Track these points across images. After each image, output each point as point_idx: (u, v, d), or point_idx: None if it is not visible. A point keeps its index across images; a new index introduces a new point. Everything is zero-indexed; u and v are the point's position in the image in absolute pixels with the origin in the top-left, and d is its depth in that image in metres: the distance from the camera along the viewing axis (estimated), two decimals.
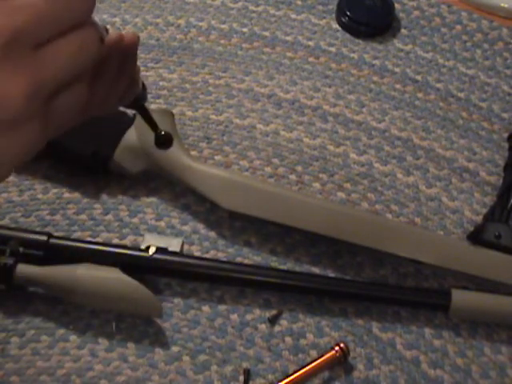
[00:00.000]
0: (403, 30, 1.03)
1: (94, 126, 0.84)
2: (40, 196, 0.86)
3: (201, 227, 0.85)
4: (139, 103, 0.58)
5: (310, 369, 0.75)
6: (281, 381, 0.74)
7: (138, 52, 1.02)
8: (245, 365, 0.77)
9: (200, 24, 1.02)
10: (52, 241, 0.78)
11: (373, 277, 0.82)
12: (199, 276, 0.80)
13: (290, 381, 0.74)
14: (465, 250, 0.81)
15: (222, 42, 1.00)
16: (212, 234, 0.84)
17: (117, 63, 0.50)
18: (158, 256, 0.79)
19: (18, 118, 0.38)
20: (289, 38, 1.01)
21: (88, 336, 0.77)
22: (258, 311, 0.80)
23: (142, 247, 0.79)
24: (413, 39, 1.02)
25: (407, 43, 1.02)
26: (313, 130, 0.93)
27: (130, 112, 0.87)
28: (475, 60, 1.00)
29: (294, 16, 1.03)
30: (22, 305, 0.79)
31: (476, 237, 0.82)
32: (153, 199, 0.86)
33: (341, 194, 0.88)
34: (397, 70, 0.99)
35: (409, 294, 0.80)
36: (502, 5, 1.04)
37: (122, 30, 1.00)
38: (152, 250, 0.78)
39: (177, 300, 0.80)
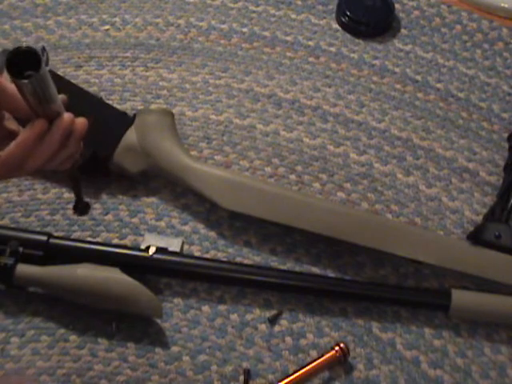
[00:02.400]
0: (403, 30, 1.03)
1: (94, 126, 0.84)
2: (40, 196, 0.86)
3: (201, 227, 0.85)
4: (74, 172, 0.67)
5: (310, 369, 0.75)
6: (281, 381, 0.74)
7: (138, 52, 1.03)
8: (245, 365, 0.77)
9: (200, 24, 1.02)
10: (52, 241, 0.78)
11: (373, 277, 0.82)
12: (199, 276, 0.80)
13: (290, 381, 0.74)
14: (465, 250, 0.81)
15: (222, 42, 1.00)
16: (212, 233, 0.84)
17: (62, 138, 0.57)
18: (158, 256, 0.79)
19: None
20: (289, 38, 1.01)
21: (88, 336, 0.77)
22: (257, 311, 0.80)
23: (142, 247, 0.79)
24: (413, 39, 1.02)
25: (407, 43, 1.02)
26: (313, 130, 0.93)
27: (130, 112, 0.88)
28: (475, 60, 1.00)
29: (294, 16, 1.03)
30: (22, 305, 0.79)
31: (476, 237, 0.82)
32: (153, 199, 0.86)
33: (341, 194, 0.88)
34: (397, 70, 0.99)
35: (409, 294, 0.80)
36: (502, 5, 1.04)
37: (121, 30, 1.00)
38: (152, 250, 0.78)
39: (177, 300, 0.80)
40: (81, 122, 0.58)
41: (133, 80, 0.95)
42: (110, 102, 0.90)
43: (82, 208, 0.73)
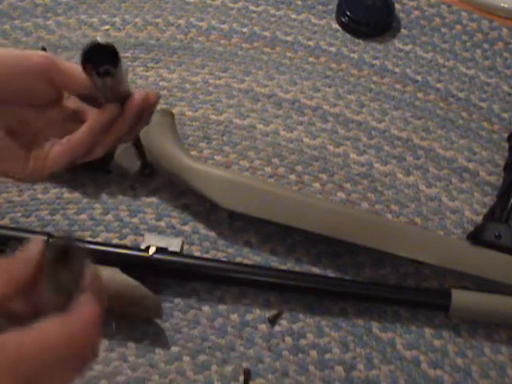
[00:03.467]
0: (403, 30, 1.03)
1: None
2: (40, 196, 0.86)
3: (201, 227, 0.85)
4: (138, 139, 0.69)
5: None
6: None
7: (138, 52, 1.03)
8: (245, 365, 0.77)
9: (200, 24, 1.02)
10: (52, 241, 0.78)
11: (373, 277, 0.82)
12: (199, 276, 0.80)
13: None
14: (465, 250, 0.81)
15: (222, 42, 1.00)
16: (212, 233, 0.84)
17: (134, 119, 0.53)
18: (158, 256, 0.78)
19: None
20: (289, 38, 1.01)
21: None
22: (257, 311, 0.80)
23: (142, 247, 0.79)
24: (413, 39, 1.02)
25: (407, 43, 1.02)
26: (313, 130, 0.93)
27: None
28: (475, 60, 1.00)
29: (294, 16, 1.03)
30: None
31: (476, 237, 0.82)
32: (153, 199, 0.86)
33: (341, 194, 0.88)
34: (397, 70, 0.99)
35: (409, 294, 0.80)
36: (502, 5, 1.04)
37: (121, 30, 1.00)
38: (152, 250, 0.78)
39: (177, 300, 0.80)
40: (153, 96, 0.54)
41: (133, 80, 0.95)
42: None
43: (150, 170, 0.75)
